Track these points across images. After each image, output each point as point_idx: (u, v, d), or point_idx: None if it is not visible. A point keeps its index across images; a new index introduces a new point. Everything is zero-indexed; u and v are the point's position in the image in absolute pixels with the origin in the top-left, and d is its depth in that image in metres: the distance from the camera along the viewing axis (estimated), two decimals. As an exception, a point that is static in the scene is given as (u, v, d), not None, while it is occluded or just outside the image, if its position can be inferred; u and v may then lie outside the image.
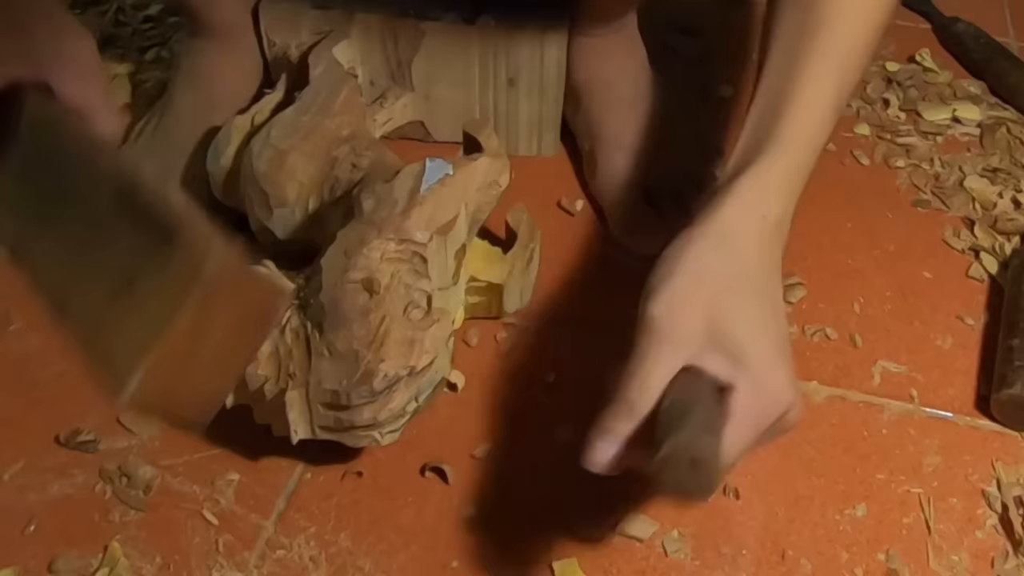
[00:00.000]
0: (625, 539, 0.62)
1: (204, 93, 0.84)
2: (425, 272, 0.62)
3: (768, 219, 0.54)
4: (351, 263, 0.60)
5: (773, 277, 0.53)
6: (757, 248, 0.53)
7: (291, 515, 0.63)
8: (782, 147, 0.55)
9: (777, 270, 0.54)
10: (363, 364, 0.57)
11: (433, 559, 0.61)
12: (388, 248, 0.61)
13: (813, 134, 0.57)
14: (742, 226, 0.53)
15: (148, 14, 1.04)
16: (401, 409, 0.59)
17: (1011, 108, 0.97)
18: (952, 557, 0.62)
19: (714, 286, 0.50)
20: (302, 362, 0.59)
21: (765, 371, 0.50)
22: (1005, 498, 0.65)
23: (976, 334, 0.76)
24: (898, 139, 0.93)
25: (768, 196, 0.54)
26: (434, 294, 0.62)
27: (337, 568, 0.60)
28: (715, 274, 0.51)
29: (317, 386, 0.58)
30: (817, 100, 0.57)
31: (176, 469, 0.65)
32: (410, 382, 0.59)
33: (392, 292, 0.60)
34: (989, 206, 0.86)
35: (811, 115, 0.56)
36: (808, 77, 0.57)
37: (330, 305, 0.59)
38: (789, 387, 0.50)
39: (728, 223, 0.53)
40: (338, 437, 0.60)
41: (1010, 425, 0.69)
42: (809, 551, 0.62)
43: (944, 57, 1.04)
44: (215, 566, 0.60)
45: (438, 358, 0.61)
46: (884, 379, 0.72)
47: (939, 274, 0.80)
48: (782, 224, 0.55)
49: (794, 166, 0.55)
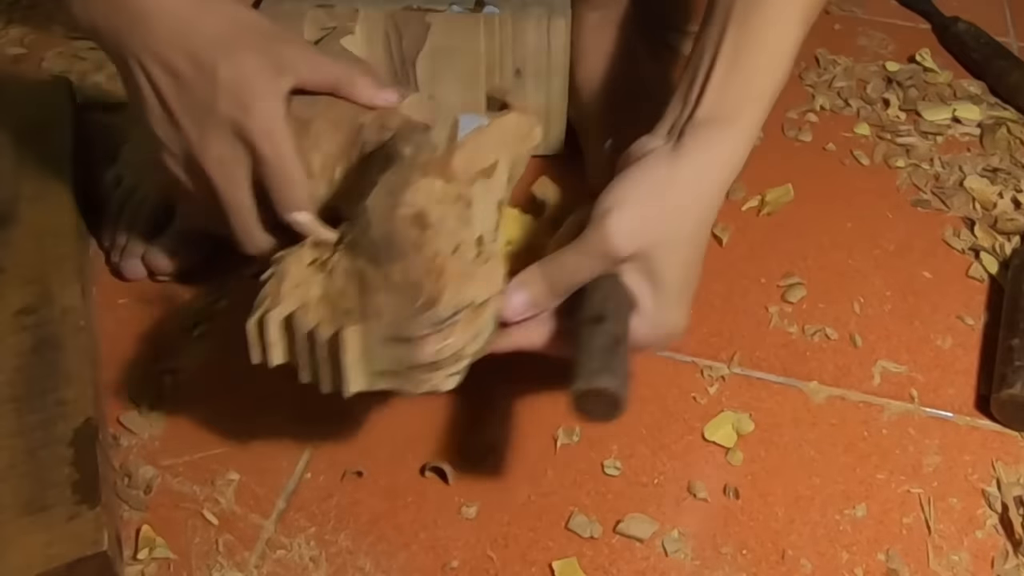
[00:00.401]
0: (625, 539, 0.62)
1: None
2: (470, 217, 0.62)
3: (723, 175, 0.58)
4: (399, 200, 0.58)
5: (707, 229, 0.59)
6: (709, 198, 0.58)
7: (291, 515, 0.63)
8: (747, 115, 0.59)
9: (708, 226, 0.59)
10: (425, 293, 0.56)
11: (433, 559, 0.61)
12: (434, 188, 0.60)
13: (777, 90, 0.60)
14: (708, 174, 0.58)
15: (148, 14, 1.04)
16: (461, 348, 0.57)
17: (1011, 108, 0.97)
18: (952, 557, 0.62)
19: (666, 221, 0.57)
20: (358, 300, 0.57)
21: (671, 303, 0.58)
22: (1005, 498, 0.65)
23: (976, 334, 0.76)
24: (898, 139, 0.93)
25: (734, 155, 0.58)
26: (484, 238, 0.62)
27: (337, 568, 0.60)
28: (671, 212, 0.57)
29: (377, 319, 0.56)
30: (784, 49, 0.60)
31: (176, 469, 0.65)
32: (470, 318, 0.57)
33: (441, 231, 0.59)
34: (989, 206, 0.86)
35: (778, 67, 0.59)
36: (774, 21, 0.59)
37: (383, 240, 0.57)
38: (682, 325, 0.60)
39: (697, 168, 0.57)
40: (397, 384, 0.57)
41: (1010, 425, 0.69)
42: (809, 551, 0.62)
43: (944, 57, 1.04)
44: (215, 566, 0.60)
45: (493, 299, 0.60)
46: (884, 379, 0.72)
47: (939, 274, 0.80)
48: (727, 183, 0.59)
49: (756, 124, 0.59)
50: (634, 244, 0.56)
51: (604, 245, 0.56)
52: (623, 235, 0.56)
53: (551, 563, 0.61)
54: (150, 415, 0.68)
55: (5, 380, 0.64)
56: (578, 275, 0.57)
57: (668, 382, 0.71)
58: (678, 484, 0.65)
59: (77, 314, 0.69)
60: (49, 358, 0.65)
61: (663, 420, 0.69)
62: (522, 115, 0.69)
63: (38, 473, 0.58)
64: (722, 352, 0.73)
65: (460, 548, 0.61)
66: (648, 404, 0.70)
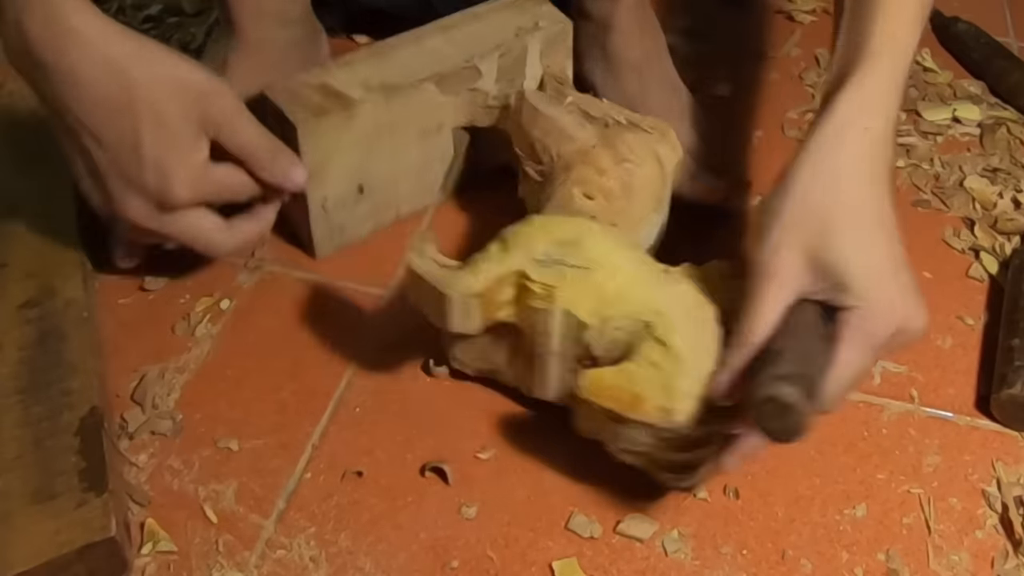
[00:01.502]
0: (625, 539, 0.62)
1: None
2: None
3: (871, 131, 0.55)
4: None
5: (875, 195, 0.55)
6: (859, 169, 0.55)
7: (291, 515, 0.63)
8: (874, 57, 0.56)
9: (882, 184, 0.56)
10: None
11: (433, 559, 0.61)
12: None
13: (903, 39, 0.58)
14: (846, 148, 0.55)
15: (148, 14, 1.04)
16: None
17: (1011, 108, 0.97)
18: (952, 557, 0.62)
19: (815, 223, 0.54)
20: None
21: (869, 292, 0.54)
22: (1005, 498, 0.65)
23: (976, 334, 0.76)
24: (898, 139, 0.93)
25: (868, 109, 0.56)
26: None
27: (337, 568, 0.60)
28: (817, 208, 0.55)
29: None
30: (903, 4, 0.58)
31: (176, 469, 0.65)
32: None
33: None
34: (989, 206, 0.86)
35: (900, 20, 0.57)
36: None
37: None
38: (899, 302, 0.54)
39: (830, 147, 0.55)
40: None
41: (1010, 425, 0.69)
42: (809, 551, 0.62)
43: (944, 57, 1.04)
44: (215, 566, 0.60)
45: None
46: (884, 379, 0.72)
47: (939, 274, 0.80)
48: (886, 133, 0.56)
49: (887, 74, 0.57)
50: (789, 253, 0.55)
51: (762, 269, 0.55)
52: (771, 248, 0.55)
53: (551, 563, 0.61)
54: (151, 415, 0.68)
55: (10, 373, 0.64)
56: (761, 315, 0.55)
57: (668, 382, 0.71)
58: (678, 484, 0.65)
59: (80, 306, 0.69)
60: (53, 349, 0.66)
61: (663, 420, 0.69)
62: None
63: (45, 462, 0.59)
64: (722, 352, 0.73)
65: (460, 548, 0.61)
66: (648, 404, 0.70)
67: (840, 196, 0.55)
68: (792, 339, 0.54)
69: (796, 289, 0.55)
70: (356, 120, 0.73)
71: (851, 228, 0.55)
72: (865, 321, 0.54)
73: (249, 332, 0.74)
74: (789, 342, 0.54)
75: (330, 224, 0.78)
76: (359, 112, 0.73)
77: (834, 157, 0.56)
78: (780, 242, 0.55)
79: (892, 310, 0.54)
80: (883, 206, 0.56)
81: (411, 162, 0.80)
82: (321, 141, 0.72)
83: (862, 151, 0.56)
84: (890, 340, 0.55)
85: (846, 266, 0.54)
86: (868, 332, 0.54)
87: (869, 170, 0.56)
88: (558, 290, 0.60)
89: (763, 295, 0.55)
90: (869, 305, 0.54)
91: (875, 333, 0.54)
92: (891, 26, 0.58)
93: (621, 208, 0.68)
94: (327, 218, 0.77)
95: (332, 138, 0.73)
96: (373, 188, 0.78)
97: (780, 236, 0.55)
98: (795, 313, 0.55)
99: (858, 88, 0.56)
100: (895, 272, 0.55)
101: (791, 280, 0.55)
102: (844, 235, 0.54)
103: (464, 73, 0.77)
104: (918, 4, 0.59)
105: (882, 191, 0.56)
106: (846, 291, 0.54)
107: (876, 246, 0.55)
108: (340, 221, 0.78)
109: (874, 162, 0.56)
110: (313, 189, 0.74)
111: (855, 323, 0.54)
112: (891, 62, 0.57)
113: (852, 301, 0.54)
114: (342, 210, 0.77)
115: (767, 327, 0.55)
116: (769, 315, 0.55)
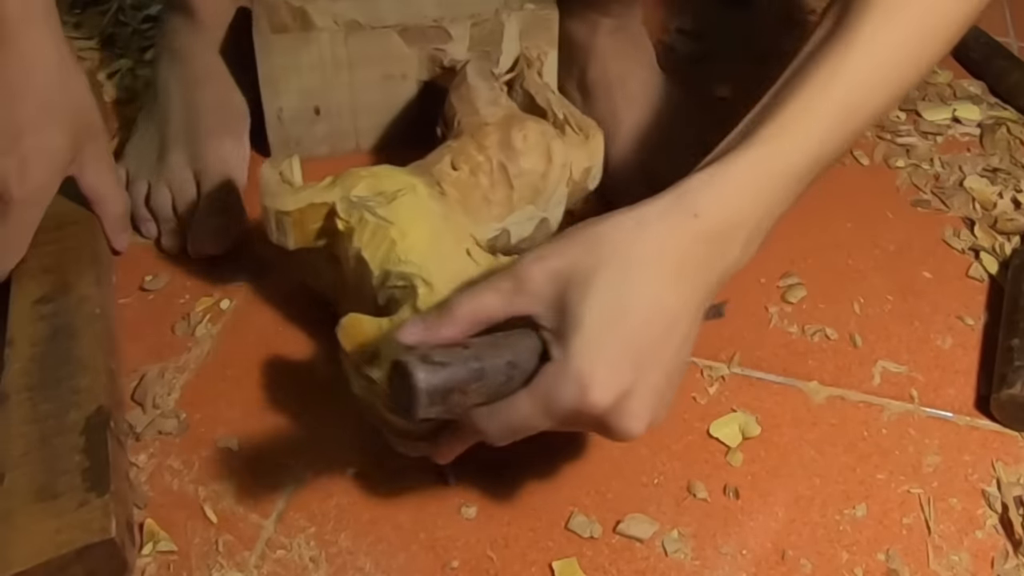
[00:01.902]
0: (625, 539, 0.62)
1: (183, 72, 0.85)
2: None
3: (700, 219, 0.50)
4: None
5: (669, 283, 0.49)
6: (661, 249, 0.49)
7: (291, 515, 0.63)
8: (746, 147, 0.51)
9: (684, 279, 0.50)
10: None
11: (433, 559, 0.61)
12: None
13: (801, 138, 0.52)
14: (661, 224, 0.50)
15: (148, 14, 1.04)
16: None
17: (1011, 108, 0.97)
18: (952, 557, 0.62)
19: (591, 264, 0.49)
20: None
21: (579, 360, 0.48)
22: (1005, 498, 0.65)
23: (976, 334, 0.76)
24: (898, 139, 0.93)
25: (706, 195, 0.50)
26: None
27: (337, 568, 0.60)
28: (604, 256, 0.49)
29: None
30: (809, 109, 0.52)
31: (177, 468, 0.65)
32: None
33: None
34: (989, 206, 0.86)
35: (797, 121, 0.52)
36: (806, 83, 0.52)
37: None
38: (606, 394, 0.48)
39: (649, 212, 0.50)
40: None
41: (1010, 425, 0.69)
42: (809, 551, 0.62)
43: (944, 57, 1.04)
44: (215, 566, 0.60)
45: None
46: (884, 379, 0.72)
47: (939, 274, 0.80)
48: (726, 229, 0.50)
49: (759, 169, 0.51)
50: (548, 282, 0.50)
51: (515, 279, 0.51)
52: (539, 269, 0.51)
53: (551, 563, 0.61)
54: (152, 414, 0.68)
55: (21, 369, 0.64)
56: (481, 309, 0.52)
57: (668, 382, 0.71)
58: (678, 484, 0.65)
59: (92, 302, 0.69)
60: (64, 347, 0.66)
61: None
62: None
63: (50, 461, 0.58)
64: (722, 352, 0.73)
65: (460, 548, 0.61)
66: (648, 404, 0.70)
67: (631, 268, 0.49)
68: (489, 349, 0.51)
69: (527, 305, 0.51)
70: (312, 46, 0.81)
71: (616, 296, 0.49)
72: (553, 380, 0.49)
73: (249, 332, 0.74)
74: (485, 350, 0.51)
75: (286, 135, 0.86)
76: (315, 39, 0.81)
77: (644, 228, 0.50)
78: (549, 259, 0.51)
79: (585, 392, 0.48)
80: (668, 297, 0.50)
81: (372, 101, 0.86)
82: (274, 55, 0.81)
83: (676, 235, 0.50)
84: (576, 418, 0.50)
85: (580, 321, 0.49)
86: (549, 394, 0.50)
87: (677, 256, 0.50)
88: (356, 233, 0.64)
89: (496, 286, 0.52)
90: (567, 371, 0.49)
91: (556, 399, 0.49)
92: (787, 119, 0.52)
93: (485, 187, 0.70)
94: (282, 128, 0.85)
95: (287, 56, 0.81)
96: (330, 113, 0.86)
97: (554, 254, 0.51)
98: (516, 335, 0.52)
99: (713, 173, 0.51)
100: (631, 367, 0.49)
101: (529, 292, 0.51)
102: (606, 298, 0.49)
103: (431, 31, 0.82)
104: (843, 108, 0.52)
105: (679, 285, 0.50)
106: (562, 341, 0.49)
107: (630, 328, 0.49)
108: (296, 135, 0.86)
109: (688, 259, 0.50)
110: (268, 98, 0.83)
111: (547, 375, 0.50)
112: (763, 157, 0.51)
113: (558, 354, 0.49)
114: (298, 125, 0.86)
115: (480, 312, 0.51)
116: (488, 304, 0.51)
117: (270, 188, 0.66)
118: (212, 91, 0.84)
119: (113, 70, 0.96)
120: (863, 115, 0.54)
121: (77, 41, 0.99)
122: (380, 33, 0.82)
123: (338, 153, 0.87)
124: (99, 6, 1.05)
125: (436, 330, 0.52)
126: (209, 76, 0.85)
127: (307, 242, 0.67)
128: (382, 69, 0.84)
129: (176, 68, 0.85)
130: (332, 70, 0.83)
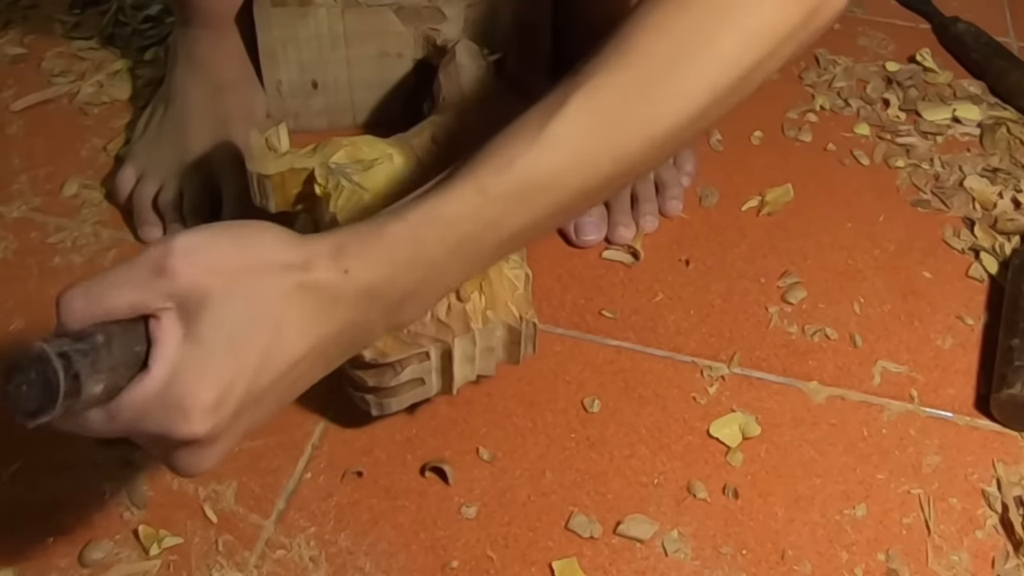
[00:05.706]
0: (625, 539, 0.62)
1: (206, 80, 0.84)
2: None
3: (351, 276, 0.47)
4: None
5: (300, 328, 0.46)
6: (303, 295, 0.46)
7: (291, 515, 0.63)
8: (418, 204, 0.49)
9: (318, 334, 0.46)
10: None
11: (433, 559, 0.61)
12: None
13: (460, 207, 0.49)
14: (313, 270, 0.46)
15: (148, 14, 1.04)
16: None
17: (1011, 108, 0.97)
18: (952, 557, 0.62)
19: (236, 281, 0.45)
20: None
21: (190, 375, 0.44)
22: (1005, 498, 0.65)
23: (976, 334, 0.76)
24: (898, 139, 0.93)
25: (363, 255, 0.47)
26: None
27: (337, 568, 0.60)
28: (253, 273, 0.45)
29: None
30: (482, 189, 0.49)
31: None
32: None
33: None
34: (989, 206, 0.86)
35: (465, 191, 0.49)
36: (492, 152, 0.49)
37: None
38: (200, 416, 0.44)
39: (309, 255, 0.47)
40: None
41: (1010, 425, 0.69)
42: (809, 551, 0.62)
43: (944, 57, 1.04)
44: (215, 566, 0.60)
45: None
46: (884, 379, 0.72)
47: (939, 274, 0.80)
48: (378, 293, 0.48)
49: (412, 232, 0.48)
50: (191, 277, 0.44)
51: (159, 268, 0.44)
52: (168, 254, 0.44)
53: (551, 563, 0.61)
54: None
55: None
56: (109, 298, 0.44)
57: (668, 382, 0.71)
58: (678, 484, 0.65)
59: None
60: None
61: (663, 420, 0.69)
62: None
63: None
64: (722, 352, 0.73)
65: (460, 548, 0.61)
66: (648, 404, 0.70)
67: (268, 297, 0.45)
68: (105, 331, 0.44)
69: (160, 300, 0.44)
70: (309, 19, 0.83)
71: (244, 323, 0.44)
72: (160, 396, 0.43)
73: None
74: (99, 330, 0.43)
75: (284, 107, 0.88)
76: (313, 13, 0.83)
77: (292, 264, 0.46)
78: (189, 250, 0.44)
79: (187, 415, 0.43)
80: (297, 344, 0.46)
81: (368, 77, 0.88)
82: (273, 27, 0.84)
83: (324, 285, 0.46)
84: (164, 440, 0.45)
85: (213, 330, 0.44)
86: (147, 409, 0.44)
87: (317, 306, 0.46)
88: (332, 198, 0.66)
89: (126, 266, 0.45)
90: (176, 386, 0.43)
91: (152, 415, 0.44)
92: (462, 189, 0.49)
93: (441, 162, 0.70)
94: (282, 101, 0.87)
95: (286, 28, 0.84)
96: (328, 88, 0.88)
97: (195, 246, 0.45)
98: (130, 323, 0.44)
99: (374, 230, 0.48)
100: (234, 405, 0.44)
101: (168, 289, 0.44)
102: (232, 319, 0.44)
103: (426, 11, 0.84)
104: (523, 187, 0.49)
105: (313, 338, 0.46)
106: (189, 345, 0.44)
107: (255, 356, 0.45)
108: (295, 108, 0.88)
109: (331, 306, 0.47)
110: (268, 70, 0.86)
111: (133, 389, 0.44)
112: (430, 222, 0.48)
113: (162, 368, 0.43)
114: (296, 98, 0.88)
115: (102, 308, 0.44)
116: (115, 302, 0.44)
117: (254, 153, 0.68)
118: (236, 100, 0.84)
119: (113, 70, 0.96)
120: (553, 196, 0.50)
121: (76, 41, 0.99)
122: (376, 11, 0.83)
123: (336, 127, 0.89)
124: (99, 6, 1.04)
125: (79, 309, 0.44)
126: (235, 85, 0.85)
127: (288, 206, 0.69)
128: (378, 46, 0.86)
129: (198, 76, 0.84)
130: (329, 45, 0.85)
